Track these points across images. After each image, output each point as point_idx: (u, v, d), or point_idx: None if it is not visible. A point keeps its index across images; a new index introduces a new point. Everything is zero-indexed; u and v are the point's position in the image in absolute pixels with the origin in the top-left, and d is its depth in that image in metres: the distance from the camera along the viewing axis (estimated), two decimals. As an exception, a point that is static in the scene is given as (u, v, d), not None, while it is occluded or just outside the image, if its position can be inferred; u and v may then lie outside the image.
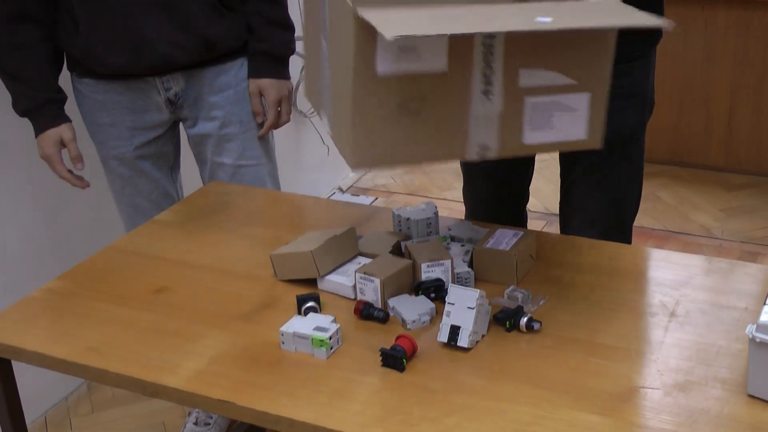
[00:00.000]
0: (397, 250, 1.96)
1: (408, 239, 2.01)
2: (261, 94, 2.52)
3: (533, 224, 2.78)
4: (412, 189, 4.55)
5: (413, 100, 1.63)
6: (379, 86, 1.60)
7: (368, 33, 1.53)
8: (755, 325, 1.47)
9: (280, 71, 2.55)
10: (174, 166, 2.65)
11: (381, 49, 1.57)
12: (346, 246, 1.95)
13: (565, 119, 1.73)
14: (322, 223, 2.16)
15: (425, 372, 1.64)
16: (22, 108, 2.40)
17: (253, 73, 2.51)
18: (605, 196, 2.37)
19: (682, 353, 1.65)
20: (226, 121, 2.50)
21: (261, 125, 2.55)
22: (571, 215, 2.45)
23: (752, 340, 1.47)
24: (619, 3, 1.71)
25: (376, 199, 4.47)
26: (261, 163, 2.57)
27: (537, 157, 2.61)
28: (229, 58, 2.48)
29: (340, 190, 4.52)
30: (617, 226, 2.40)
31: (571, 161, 2.38)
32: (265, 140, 2.59)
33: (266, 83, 2.51)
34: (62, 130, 2.40)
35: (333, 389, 1.60)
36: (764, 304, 1.50)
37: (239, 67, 2.51)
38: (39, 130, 2.41)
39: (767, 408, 1.49)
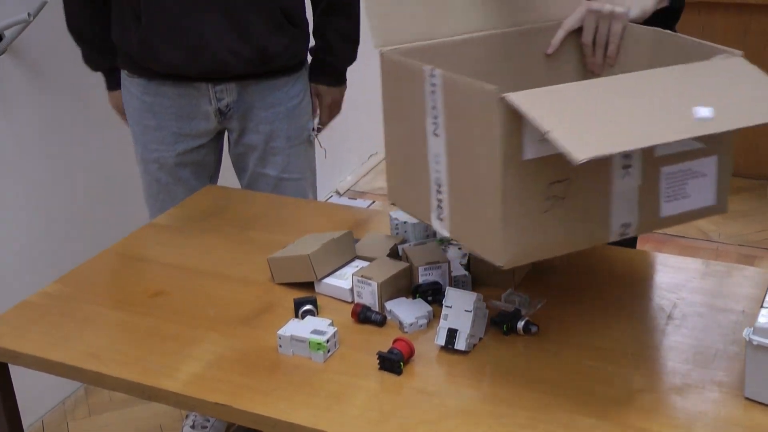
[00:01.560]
0: (394, 254, 1.96)
1: (405, 242, 2.01)
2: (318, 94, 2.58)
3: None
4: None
5: (559, 184, 1.56)
6: (527, 174, 1.52)
7: (514, 117, 1.46)
8: (752, 328, 1.47)
9: (341, 80, 2.64)
10: (213, 176, 2.63)
11: (528, 133, 1.49)
12: (343, 249, 1.95)
13: (697, 186, 1.69)
14: (319, 226, 2.16)
15: (423, 375, 1.64)
16: (96, 66, 2.56)
17: (316, 78, 2.58)
18: None
19: (679, 356, 1.65)
20: (273, 135, 2.50)
21: (310, 141, 2.58)
22: None
23: (749, 343, 1.47)
24: (744, 63, 1.70)
25: (374, 202, 4.47)
26: (303, 177, 2.57)
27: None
28: (284, 74, 2.48)
29: (338, 193, 4.52)
30: None
31: None
32: (308, 154, 2.58)
33: (325, 89, 2.59)
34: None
35: (330, 393, 1.60)
36: (761, 307, 1.50)
37: (293, 84, 2.50)
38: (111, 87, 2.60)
39: (764, 411, 1.49)
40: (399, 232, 2.04)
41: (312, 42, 2.57)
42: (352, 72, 2.63)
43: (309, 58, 2.59)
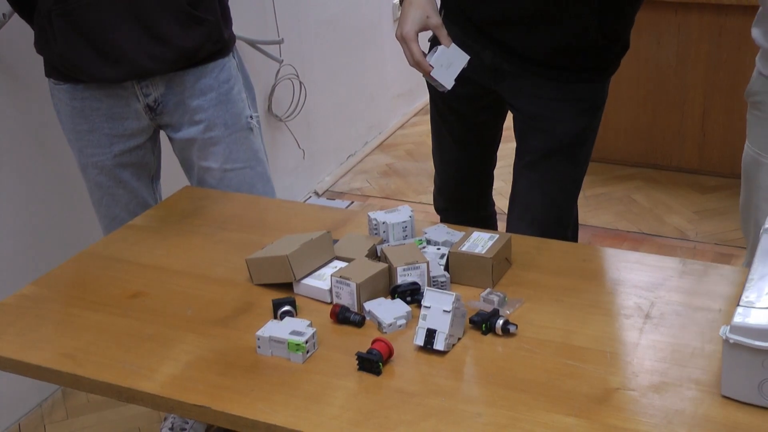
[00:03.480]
0: (373, 254, 1.96)
1: (384, 243, 2.01)
2: None
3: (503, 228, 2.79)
4: (387, 193, 4.55)
5: None
6: None
7: None
8: (729, 327, 1.48)
9: None
10: (155, 176, 2.62)
11: None
12: (322, 250, 1.95)
13: None
14: (297, 227, 2.15)
15: (402, 375, 1.64)
16: None
17: None
18: (546, 193, 2.41)
19: (656, 355, 1.66)
20: (210, 124, 2.47)
21: (250, 128, 2.53)
22: (511, 210, 2.49)
23: (726, 341, 1.48)
24: None
25: (352, 203, 4.47)
26: (248, 166, 2.54)
27: (502, 162, 2.65)
28: (210, 60, 2.45)
29: (316, 194, 4.52)
30: (554, 230, 2.37)
31: (518, 153, 2.44)
32: (251, 142, 2.55)
33: None
34: None
35: (309, 393, 1.60)
36: (737, 305, 1.51)
37: (220, 69, 2.47)
38: None
39: (741, 408, 1.50)
40: (377, 233, 2.04)
41: (233, 24, 2.54)
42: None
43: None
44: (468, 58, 2.15)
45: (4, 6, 2.59)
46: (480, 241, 1.93)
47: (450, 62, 2.13)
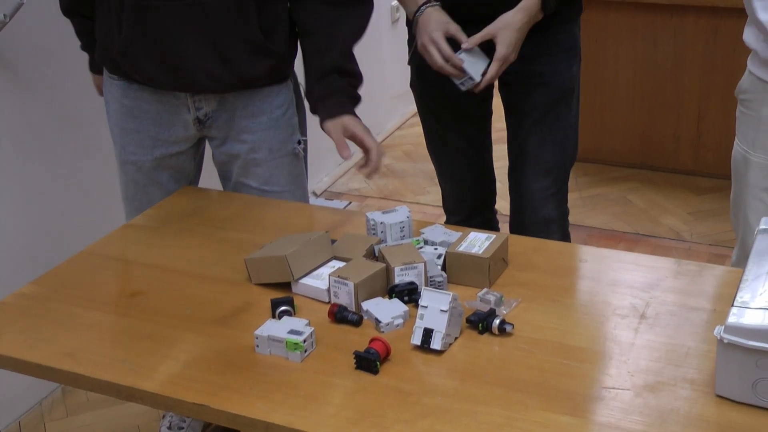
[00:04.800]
0: (370, 254, 1.96)
1: (382, 243, 2.02)
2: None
3: (504, 228, 2.80)
4: (385, 193, 4.55)
5: None
6: None
7: None
8: (723, 327, 1.48)
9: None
10: (193, 182, 2.58)
11: None
12: (320, 250, 1.95)
13: None
14: (296, 227, 2.15)
15: (399, 374, 1.64)
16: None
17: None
18: (556, 142, 2.58)
19: (651, 354, 1.66)
20: (256, 146, 2.42)
21: (294, 154, 2.50)
22: (523, 171, 2.60)
23: (720, 341, 1.48)
24: None
25: (350, 203, 4.47)
26: (287, 191, 2.49)
27: (499, 164, 2.68)
28: (266, 85, 2.40)
29: (314, 194, 4.52)
30: (564, 173, 2.63)
31: (521, 116, 2.57)
32: (293, 167, 2.50)
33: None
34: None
35: (307, 392, 1.60)
36: (732, 305, 1.51)
37: (276, 94, 2.42)
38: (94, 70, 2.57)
39: (735, 408, 1.50)
40: (375, 233, 2.04)
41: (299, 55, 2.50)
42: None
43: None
44: (489, 60, 2.29)
45: (6, 6, 2.59)
46: (477, 242, 1.93)
47: (474, 61, 2.31)
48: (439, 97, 2.56)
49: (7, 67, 2.79)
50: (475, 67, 2.30)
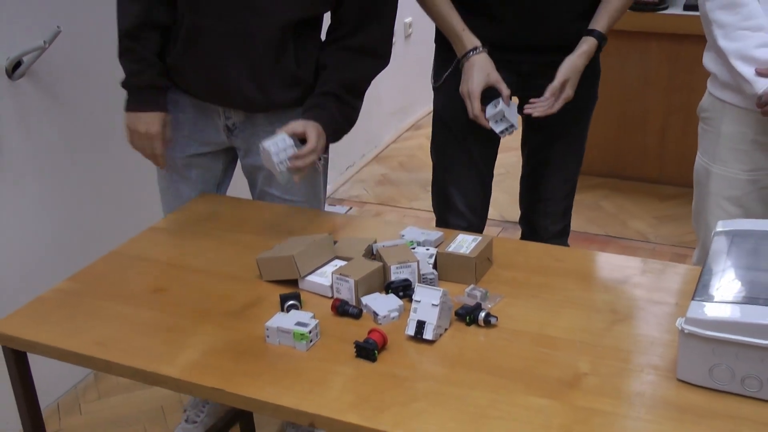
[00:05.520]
0: (369, 254, 1.95)
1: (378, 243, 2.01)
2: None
3: (490, 230, 2.79)
4: (383, 199, 4.55)
5: None
6: None
7: None
8: (684, 319, 1.48)
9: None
10: (220, 184, 2.55)
11: None
12: (323, 250, 1.94)
13: None
14: (302, 230, 2.15)
15: (394, 362, 1.64)
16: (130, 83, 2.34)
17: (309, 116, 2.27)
18: (575, 154, 2.63)
19: (620, 344, 1.66)
20: None
21: (314, 169, 2.39)
22: (547, 180, 2.63)
23: (681, 331, 1.48)
24: None
25: (351, 208, 4.47)
26: (306, 201, 2.46)
27: (494, 171, 2.65)
28: (288, 107, 2.35)
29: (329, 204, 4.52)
30: (576, 180, 2.72)
31: (546, 132, 2.58)
32: (313, 181, 2.47)
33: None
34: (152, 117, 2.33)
35: (312, 378, 1.60)
36: (692, 300, 1.51)
37: (298, 114, 2.34)
38: (134, 108, 2.33)
39: (694, 390, 1.50)
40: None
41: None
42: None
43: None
44: (518, 116, 2.35)
45: (45, 33, 2.59)
46: (464, 243, 1.93)
47: (510, 109, 2.31)
48: (461, 119, 2.44)
49: (46, 86, 2.79)
50: (512, 114, 2.29)
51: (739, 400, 1.47)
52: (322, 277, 1.88)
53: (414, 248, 1.97)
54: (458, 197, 2.62)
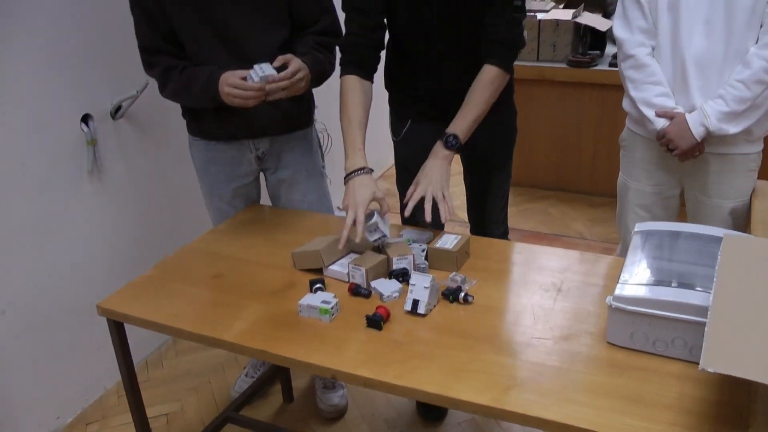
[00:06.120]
0: (376, 249, 1.94)
1: (383, 237, 1.99)
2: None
3: (454, 228, 2.78)
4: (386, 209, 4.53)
5: None
6: None
7: None
8: (612, 297, 1.48)
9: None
10: (256, 201, 2.51)
11: None
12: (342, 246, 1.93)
13: None
14: (325, 231, 2.14)
15: (396, 330, 1.62)
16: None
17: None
18: (507, 178, 2.40)
19: (564, 315, 1.65)
20: (296, 170, 2.39)
21: (322, 175, 2.44)
22: (486, 202, 2.40)
23: (610, 306, 1.48)
24: None
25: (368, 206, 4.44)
26: (318, 202, 2.44)
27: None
28: (300, 129, 2.37)
29: (338, 208, 4.49)
30: (507, 194, 2.44)
31: (484, 168, 2.35)
32: (322, 184, 2.46)
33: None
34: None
35: (334, 342, 1.59)
36: (617, 282, 1.50)
37: (307, 134, 2.40)
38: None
39: (619, 350, 1.50)
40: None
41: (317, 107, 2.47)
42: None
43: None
44: (389, 226, 1.93)
45: (137, 85, 2.59)
46: (448, 240, 1.91)
47: (376, 226, 1.89)
48: (419, 164, 2.11)
49: (139, 124, 2.79)
50: (385, 226, 1.91)
51: (651, 357, 1.47)
52: (341, 267, 1.87)
53: (410, 244, 1.95)
54: (421, 219, 2.53)
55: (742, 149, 2.14)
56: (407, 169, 2.32)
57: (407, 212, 1.92)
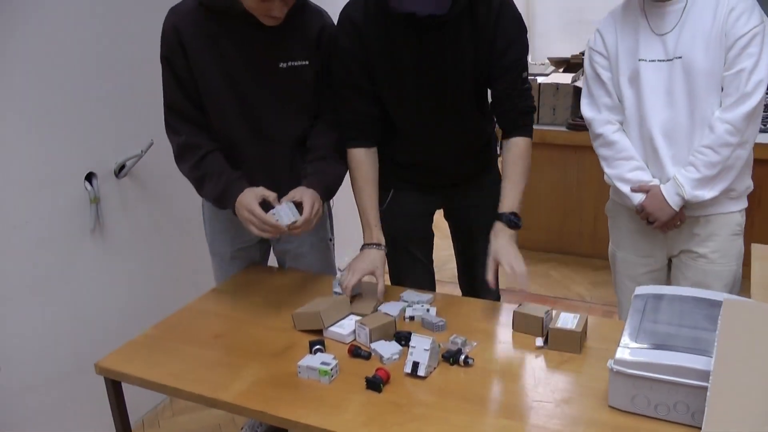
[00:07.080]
0: (376, 310, 1.94)
1: (382, 304, 2.00)
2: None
3: (446, 288, 2.78)
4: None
5: None
6: None
7: None
8: (613, 360, 1.47)
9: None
10: (258, 263, 2.48)
11: None
12: (342, 308, 1.94)
13: None
14: (325, 292, 2.15)
15: (396, 392, 1.62)
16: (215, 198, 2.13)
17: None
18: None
19: (566, 378, 1.64)
20: (302, 243, 2.38)
21: (328, 248, 2.44)
22: (477, 269, 2.34)
23: (611, 369, 1.47)
24: None
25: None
26: (321, 272, 2.40)
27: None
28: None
29: (339, 270, 4.49)
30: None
31: (474, 238, 2.36)
32: (327, 256, 2.44)
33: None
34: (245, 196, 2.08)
35: (333, 404, 1.58)
36: (618, 346, 1.50)
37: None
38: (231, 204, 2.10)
39: (621, 414, 1.49)
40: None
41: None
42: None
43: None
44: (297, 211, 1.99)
45: (142, 145, 2.63)
46: (568, 319, 1.82)
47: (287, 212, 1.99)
48: (403, 230, 2.31)
49: (142, 183, 2.82)
50: (290, 212, 1.97)
51: (653, 421, 1.46)
52: (341, 328, 1.87)
53: (411, 306, 1.96)
54: (408, 283, 2.43)
55: (725, 208, 2.14)
56: (391, 237, 2.24)
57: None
